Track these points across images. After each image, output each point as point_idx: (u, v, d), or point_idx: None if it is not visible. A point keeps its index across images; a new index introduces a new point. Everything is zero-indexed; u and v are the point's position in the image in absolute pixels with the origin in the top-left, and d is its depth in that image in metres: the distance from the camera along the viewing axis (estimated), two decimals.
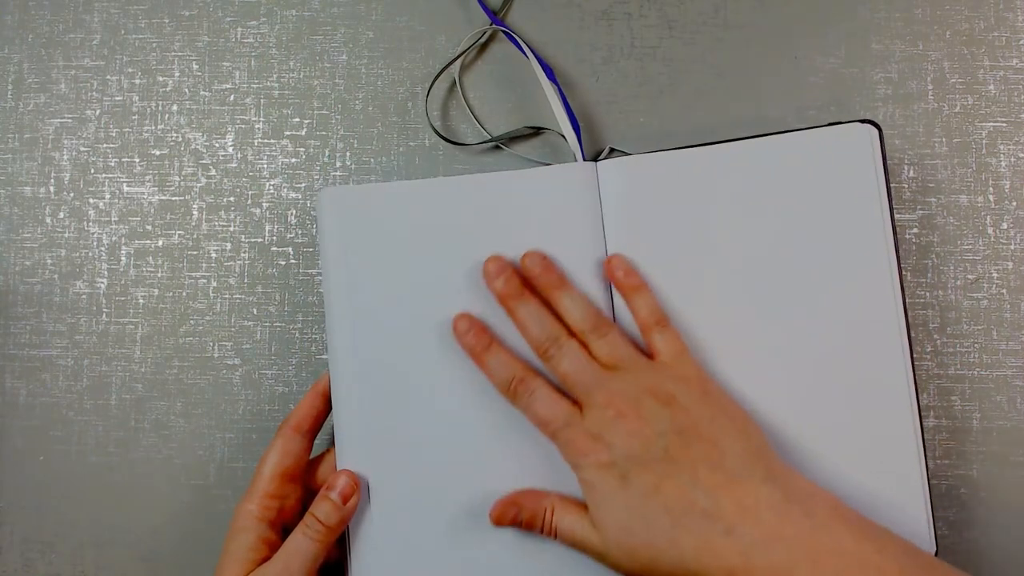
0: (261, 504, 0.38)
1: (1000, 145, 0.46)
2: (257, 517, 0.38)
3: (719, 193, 0.40)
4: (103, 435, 0.45)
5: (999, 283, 0.45)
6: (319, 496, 0.38)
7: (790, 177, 0.40)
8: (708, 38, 0.47)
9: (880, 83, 0.46)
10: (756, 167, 0.40)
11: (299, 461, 0.40)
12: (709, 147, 0.40)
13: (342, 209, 0.40)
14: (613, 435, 0.35)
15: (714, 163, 0.40)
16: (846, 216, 0.39)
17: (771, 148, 0.40)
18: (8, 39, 0.48)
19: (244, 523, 0.38)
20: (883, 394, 0.38)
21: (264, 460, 0.39)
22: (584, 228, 0.41)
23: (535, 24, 0.47)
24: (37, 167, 0.47)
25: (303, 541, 0.37)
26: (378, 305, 0.40)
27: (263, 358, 0.46)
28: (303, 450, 0.40)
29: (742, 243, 0.40)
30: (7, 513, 0.45)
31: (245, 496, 0.39)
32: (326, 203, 0.40)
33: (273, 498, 0.38)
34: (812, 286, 0.39)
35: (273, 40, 0.47)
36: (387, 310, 0.40)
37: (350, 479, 0.38)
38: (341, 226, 0.40)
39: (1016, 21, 0.46)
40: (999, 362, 0.45)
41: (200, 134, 0.47)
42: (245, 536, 0.37)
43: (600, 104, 0.47)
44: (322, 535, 0.37)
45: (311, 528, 0.37)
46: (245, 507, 0.38)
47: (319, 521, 0.37)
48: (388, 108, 0.47)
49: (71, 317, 0.46)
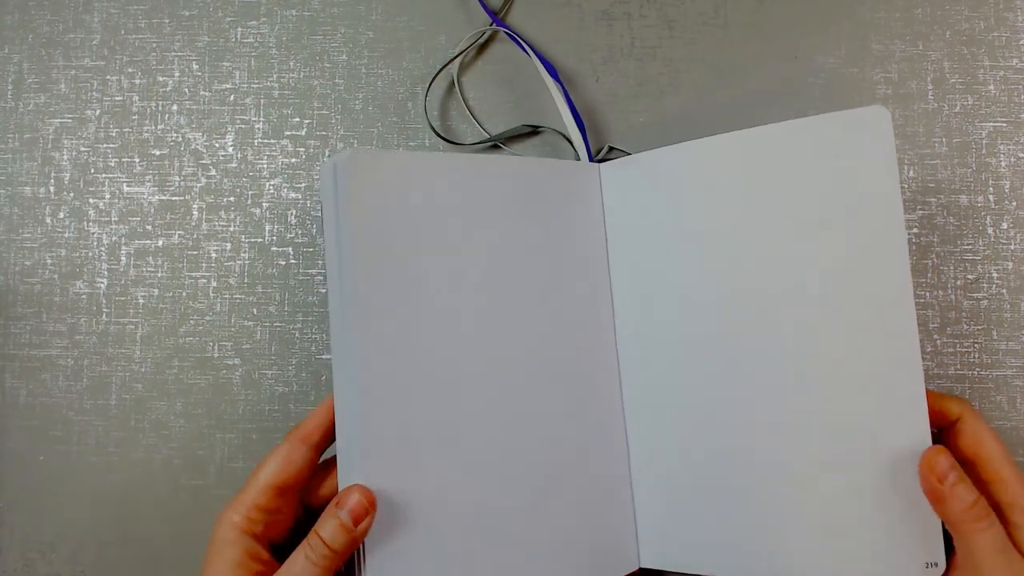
0: (247, 516, 0.34)
1: (1000, 145, 0.46)
2: (241, 529, 0.34)
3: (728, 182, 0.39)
4: (103, 435, 0.45)
5: (999, 283, 0.45)
6: (326, 513, 0.33)
7: (806, 162, 0.38)
8: (708, 38, 0.47)
9: (880, 83, 0.46)
10: (769, 153, 0.39)
11: (299, 474, 0.36)
12: (717, 137, 0.40)
13: (368, 177, 0.35)
14: None
15: (723, 153, 0.39)
16: (866, 199, 0.37)
17: (785, 133, 0.39)
18: (8, 39, 0.48)
19: (227, 535, 0.34)
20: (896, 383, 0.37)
21: (261, 467, 0.35)
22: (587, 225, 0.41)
23: (535, 24, 0.47)
24: (37, 167, 0.47)
25: (305, 566, 0.32)
26: (405, 286, 0.36)
27: (263, 358, 0.46)
28: (306, 463, 0.36)
29: (755, 231, 0.39)
30: (7, 513, 0.45)
31: (230, 504, 0.35)
32: (349, 169, 0.35)
33: (261, 511, 0.35)
34: (828, 276, 0.38)
35: (273, 40, 0.47)
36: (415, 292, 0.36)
37: (363, 496, 0.33)
38: (368, 196, 0.35)
39: (1016, 21, 0.46)
40: (999, 362, 0.45)
41: (200, 134, 0.47)
42: (231, 551, 0.34)
43: (600, 104, 0.47)
44: (327, 560, 0.32)
45: (315, 551, 0.32)
46: (228, 517, 0.34)
47: (324, 543, 0.32)
48: (388, 108, 0.47)
49: (71, 317, 0.46)
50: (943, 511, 0.34)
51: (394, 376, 0.35)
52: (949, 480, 0.34)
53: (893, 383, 0.37)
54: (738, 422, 0.39)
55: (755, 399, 0.39)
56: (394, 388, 0.35)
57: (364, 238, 0.35)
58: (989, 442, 0.36)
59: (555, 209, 0.40)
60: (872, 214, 0.37)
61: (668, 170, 0.40)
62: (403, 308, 0.35)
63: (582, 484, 0.39)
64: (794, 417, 0.38)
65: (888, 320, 0.37)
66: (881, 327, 0.37)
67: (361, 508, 0.32)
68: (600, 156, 0.46)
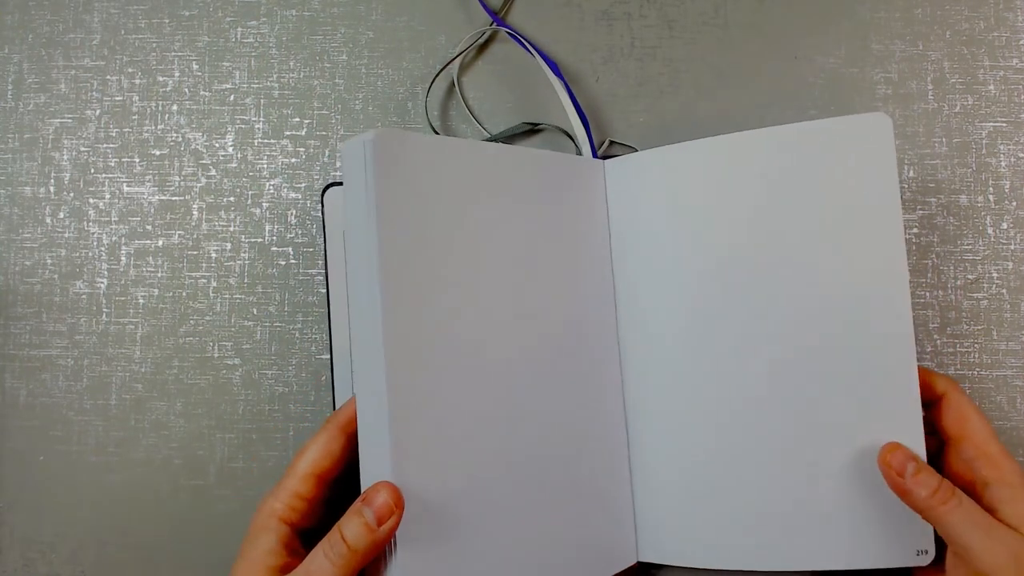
0: (288, 504, 0.34)
1: (1000, 145, 0.46)
2: (280, 517, 0.34)
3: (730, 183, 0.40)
4: (103, 435, 0.45)
5: (999, 283, 0.45)
6: (351, 510, 0.32)
7: (806, 166, 0.39)
8: (708, 38, 0.47)
9: (880, 83, 0.46)
10: (772, 156, 0.39)
11: (338, 463, 0.35)
12: (722, 137, 0.40)
13: (398, 154, 0.34)
14: None
15: (726, 153, 0.40)
16: (865, 206, 0.38)
17: (787, 136, 0.39)
18: (8, 39, 0.48)
19: (266, 522, 0.33)
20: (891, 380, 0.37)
21: (301, 455, 0.34)
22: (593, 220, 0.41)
23: (535, 24, 0.47)
24: (37, 167, 0.47)
25: (323, 565, 0.31)
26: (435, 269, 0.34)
27: (263, 358, 0.46)
28: (344, 453, 0.35)
29: (756, 231, 0.39)
30: (7, 513, 0.45)
31: (272, 492, 0.34)
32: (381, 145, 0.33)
33: (302, 499, 0.34)
34: (828, 277, 0.38)
35: (273, 40, 0.47)
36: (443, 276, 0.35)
37: (390, 495, 0.31)
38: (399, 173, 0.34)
39: (1016, 21, 0.46)
40: (999, 362, 0.45)
41: (200, 134, 0.47)
42: (266, 538, 0.33)
43: (600, 104, 0.47)
44: (346, 560, 0.31)
45: (334, 550, 0.31)
46: (270, 504, 0.34)
47: (345, 543, 0.31)
48: (388, 108, 0.47)
49: (71, 317, 0.46)
50: (911, 502, 0.35)
51: (424, 366, 0.33)
52: (909, 471, 0.35)
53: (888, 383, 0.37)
54: (736, 417, 0.39)
55: (754, 395, 0.39)
56: (424, 378, 0.33)
57: (398, 217, 0.33)
58: (974, 419, 0.37)
59: (566, 202, 0.40)
60: (871, 219, 0.38)
61: (672, 168, 0.40)
62: (434, 291, 0.34)
63: (583, 478, 0.39)
64: (791, 413, 0.39)
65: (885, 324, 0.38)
66: (878, 330, 0.38)
67: (387, 508, 0.31)
68: (602, 151, 0.46)
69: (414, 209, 0.34)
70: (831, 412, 0.38)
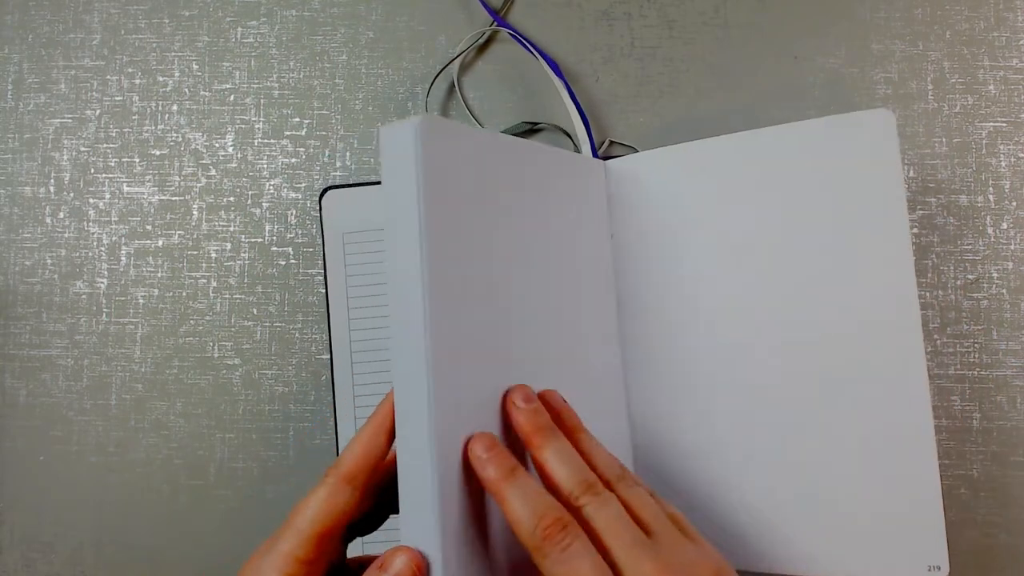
0: (285, 572, 0.29)
1: (1000, 145, 0.46)
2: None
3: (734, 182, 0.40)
4: (103, 435, 0.45)
5: (999, 283, 0.45)
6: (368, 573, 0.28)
7: (811, 164, 0.39)
8: (708, 38, 0.47)
9: (880, 83, 0.46)
10: (775, 155, 0.39)
11: (343, 519, 0.30)
12: (724, 137, 0.40)
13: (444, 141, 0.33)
14: None
15: (729, 152, 0.40)
16: (871, 202, 0.38)
17: (791, 134, 0.39)
18: (8, 39, 0.48)
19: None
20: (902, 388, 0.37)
21: (299, 511, 0.29)
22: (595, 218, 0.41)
23: (535, 24, 0.47)
24: (37, 167, 0.47)
25: None
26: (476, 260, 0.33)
27: (263, 358, 0.46)
28: (352, 504, 0.30)
29: (759, 230, 0.39)
30: (7, 513, 0.45)
31: (266, 554, 0.29)
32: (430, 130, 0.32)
33: (301, 563, 0.29)
34: (832, 276, 0.38)
35: (273, 40, 0.47)
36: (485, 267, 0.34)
37: (411, 562, 0.28)
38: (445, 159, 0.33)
39: (1016, 21, 0.46)
40: (999, 362, 0.45)
41: (200, 134, 0.47)
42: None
43: (600, 104, 0.47)
44: None
45: None
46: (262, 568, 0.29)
47: None
48: (388, 108, 0.47)
49: (71, 317, 0.46)
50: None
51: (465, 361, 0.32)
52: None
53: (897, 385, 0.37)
54: (739, 418, 0.39)
55: (757, 394, 0.39)
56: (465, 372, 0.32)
57: (442, 205, 0.32)
58: None
59: (576, 200, 0.40)
60: (876, 215, 0.38)
61: (673, 168, 0.40)
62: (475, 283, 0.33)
63: None
64: (796, 416, 0.38)
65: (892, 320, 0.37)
66: (885, 328, 0.37)
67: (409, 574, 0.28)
68: (602, 151, 0.46)
69: (456, 197, 0.33)
70: (838, 417, 0.38)
